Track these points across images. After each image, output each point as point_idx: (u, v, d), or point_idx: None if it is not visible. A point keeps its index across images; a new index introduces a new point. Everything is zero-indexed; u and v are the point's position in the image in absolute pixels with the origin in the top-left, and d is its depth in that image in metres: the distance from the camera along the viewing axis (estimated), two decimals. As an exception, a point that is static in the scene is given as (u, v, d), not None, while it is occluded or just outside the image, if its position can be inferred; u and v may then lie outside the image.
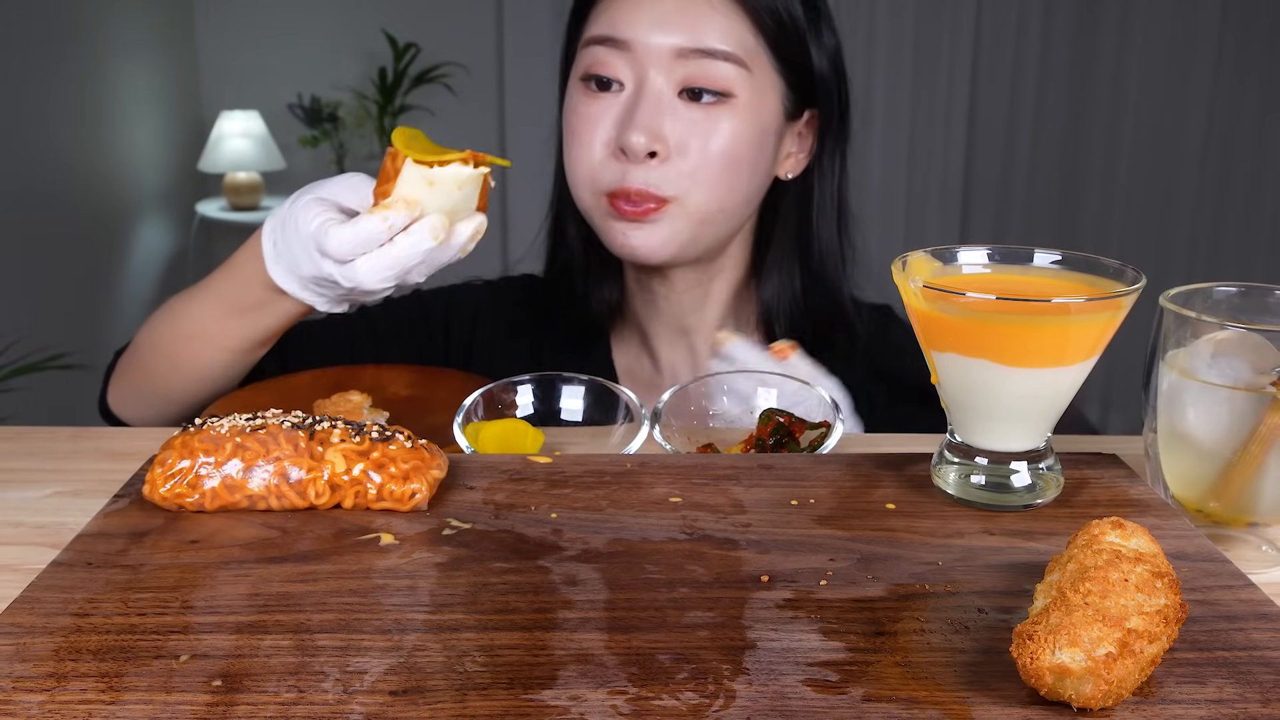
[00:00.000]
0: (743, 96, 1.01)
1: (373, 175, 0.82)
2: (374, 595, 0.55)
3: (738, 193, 1.03)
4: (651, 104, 1.00)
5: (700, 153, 1.00)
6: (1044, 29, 3.87)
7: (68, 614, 0.53)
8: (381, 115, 3.79)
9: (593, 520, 0.64)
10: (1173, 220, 4.02)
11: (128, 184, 3.48)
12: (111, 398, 1.06)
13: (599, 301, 1.14)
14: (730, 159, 1.01)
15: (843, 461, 0.72)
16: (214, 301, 0.94)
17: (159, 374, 1.00)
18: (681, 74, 1.00)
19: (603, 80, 1.02)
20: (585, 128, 1.03)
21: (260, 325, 0.93)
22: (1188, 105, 3.91)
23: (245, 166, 3.70)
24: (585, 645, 0.51)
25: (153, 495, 0.64)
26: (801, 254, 1.11)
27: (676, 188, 1.00)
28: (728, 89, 1.00)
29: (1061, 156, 3.99)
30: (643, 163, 1.00)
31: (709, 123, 1.00)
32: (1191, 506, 0.69)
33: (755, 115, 1.02)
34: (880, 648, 0.51)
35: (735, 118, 1.01)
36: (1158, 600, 0.48)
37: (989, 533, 0.63)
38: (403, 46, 3.76)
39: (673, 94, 1.00)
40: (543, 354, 1.14)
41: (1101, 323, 0.62)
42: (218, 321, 0.94)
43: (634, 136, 0.98)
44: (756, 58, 1.02)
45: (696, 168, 1.00)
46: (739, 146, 1.01)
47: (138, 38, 3.54)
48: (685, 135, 1.00)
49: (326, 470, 0.64)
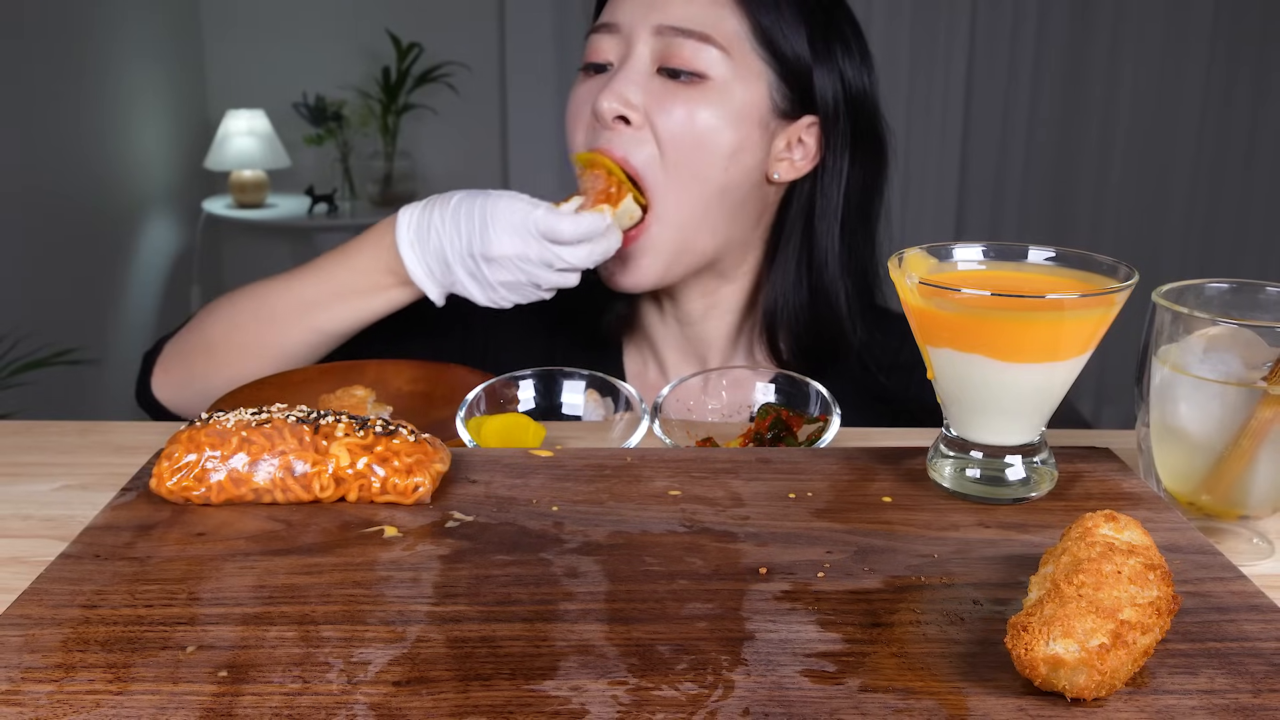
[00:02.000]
0: (719, 79, 0.99)
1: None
2: (378, 587, 0.55)
3: (712, 180, 1.01)
4: (625, 74, 1.00)
5: (669, 127, 0.99)
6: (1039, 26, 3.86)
7: (76, 605, 0.53)
8: (385, 114, 3.78)
9: (593, 513, 0.64)
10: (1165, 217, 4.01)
11: (134, 181, 3.47)
12: (160, 385, 1.08)
13: (611, 310, 1.14)
14: (700, 139, 0.99)
15: (840, 455, 0.72)
16: (323, 284, 1.02)
17: (232, 355, 1.03)
18: (660, 50, 1.00)
19: (597, 65, 1.04)
20: (574, 108, 1.05)
21: (366, 310, 1.02)
22: (1180, 103, 3.90)
23: (251, 164, 3.69)
24: (586, 636, 0.51)
25: (160, 488, 0.64)
26: (806, 264, 1.08)
27: (645, 158, 0.99)
28: (704, 70, 0.99)
29: (1056, 154, 3.99)
30: (612, 128, 1.00)
31: (682, 100, 0.99)
32: (1183, 500, 0.69)
33: (732, 101, 1.00)
34: (877, 639, 0.51)
35: (709, 100, 0.99)
36: (1150, 592, 0.48)
37: (984, 525, 0.63)
38: (406, 46, 3.76)
39: (651, 68, 1.01)
40: (555, 358, 1.13)
41: (1095, 319, 0.62)
42: (323, 303, 1.01)
43: (603, 101, 0.99)
44: (738, 43, 1.00)
45: (665, 143, 0.99)
46: (712, 128, 0.99)
47: (144, 37, 3.53)
48: (655, 107, 0.99)
49: (331, 464, 0.64)
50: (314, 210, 3.72)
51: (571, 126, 1.06)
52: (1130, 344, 0.72)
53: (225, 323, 1.05)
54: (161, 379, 1.07)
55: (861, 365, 1.09)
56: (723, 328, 1.12)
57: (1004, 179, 4.03)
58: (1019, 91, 3.92)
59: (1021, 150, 3.99)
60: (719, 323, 1.12)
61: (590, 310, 1.14)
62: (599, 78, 1.04)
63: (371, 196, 3.83)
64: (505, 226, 0.94)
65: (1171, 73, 3.87)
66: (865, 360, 1.10)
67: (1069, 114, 3.95)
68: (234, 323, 1.04)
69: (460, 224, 0.96)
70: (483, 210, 0.95)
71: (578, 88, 1.06)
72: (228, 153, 3.67)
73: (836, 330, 1.08)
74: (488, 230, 0.95)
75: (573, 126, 1.05)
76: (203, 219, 3.81)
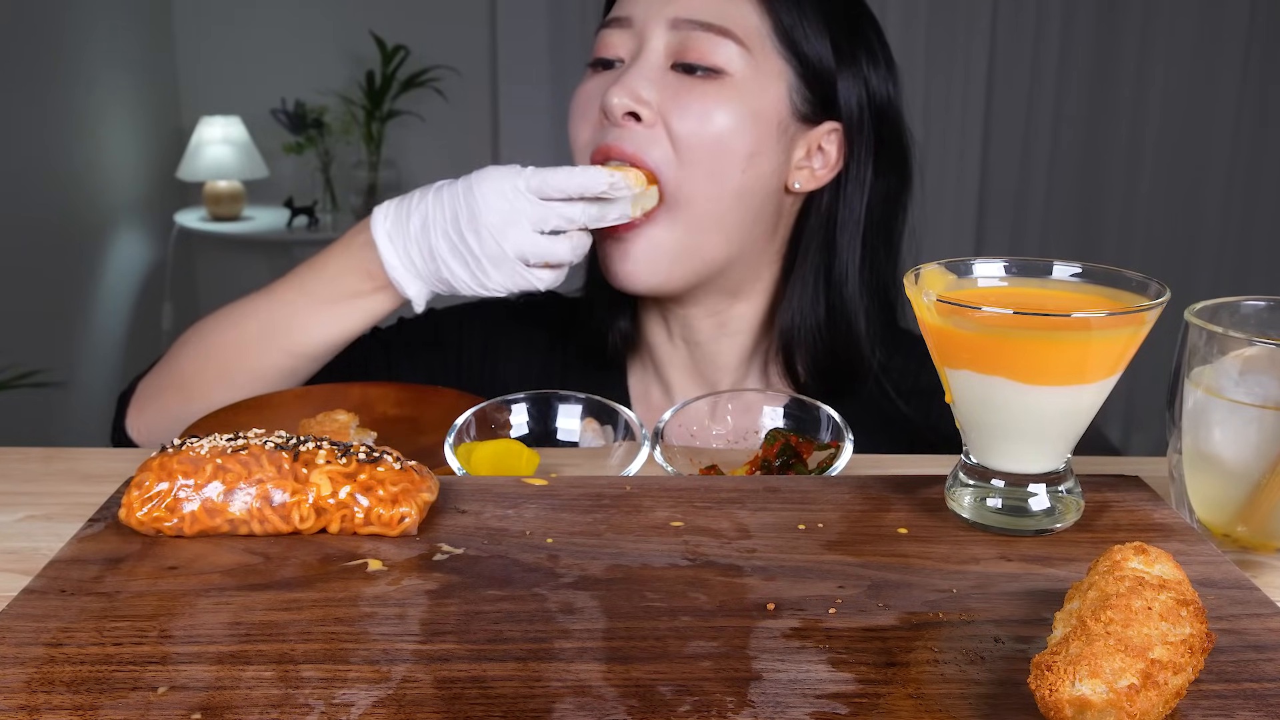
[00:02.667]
0: (737, 76, 0.99)
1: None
2: (361, 624, 0.55)
3: (728, 182, 1.00)
4: (637, 68, 1.00)
5: (684, 125, 0.99)
6: (1063, 28, 3.87)
7: (40, 644, 0.53)
8: (369, 121, 3.79)
9: (590, 545, 0.64)
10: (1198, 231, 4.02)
11: (102, 193, 3.48)
12: (134, 425, 1.07)
13: (614, 327, 1.14)
14: (717, 139, 0.99)
15: (852, 484, 0.73)
16: (294, 299, 1.01)
17: (206, 387, 1.02)
18: (675, 45, 1.00)
19: (606, 61, 1.04)
20: (579, 105, 1.05)
21: (342, 324, 1.01)
22: (1213, 110, 3.91)
23: (226, 175, 3.70)
24: (582, 677, 0.51)
25: (129, 519, 0.64)
26: (825, 279, 1.07)
27: (659, 158, 0.99)
28: (722, 66, 0.99)
29: (1081, 163, 3.99)
30: (622, 124, 1.00)
31: (698, 96, 0.99)
32: (1218, 531, 0.69)
33: (751, 99, 1.00)
34: (892, 679, 0.51)
35: (727, 97, 0.99)
36: (1183, 629, 0.48)
37: (1006, 559, 0.63)
38: (391, 49, 3.77)
39: (665, 63, 1.00)
40: (554, 380, 1.13)
41: (1124, 338, 0.62)
42: (296, 320, 1.00)
43: (613, 96, 0.99)
44: (759, 40, 1.00)
45: (680, 141, 0.99)
46: (730, 127, 0.99)
47: (112, 39, 3.55)
48: (669, 103, 0.99)
49: (311, 493, 0.64)
50: (293, 223, 3.74)
51: (576, 123, 1.05)
52: (1161, 365, 0.72)
53: (196, 353, 1.04)
54: (135, 419, 1.06)
55: (880, 390, 1.09)
56: (735, 349, 1.12)
57: (1027, 190, 4.03)
58: (1042, 96, 3.93)
59: (1045, 159, 4.00)
60: (730, 344, 1.12)
61: (591, 327, 1.14)
62: (608, 73, 1.04)
63: (354, 208, 3.84)
64: (492, 190, 0.94)
65: (1204, 75, 3.87)
66: (884, 384, 1.10)
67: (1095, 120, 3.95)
68: (205, 352, 1.03)
69: (444, 198, 0.96)
70: (467, 181, 0.96)
71: (585, 84, 1.06)
72: (201, 162, 3.68)
73: (854, 352, 1.07)
74: (473, 194, 0.94)
75: (577, 123, 1.05)
76: (175, 233, 3.81)
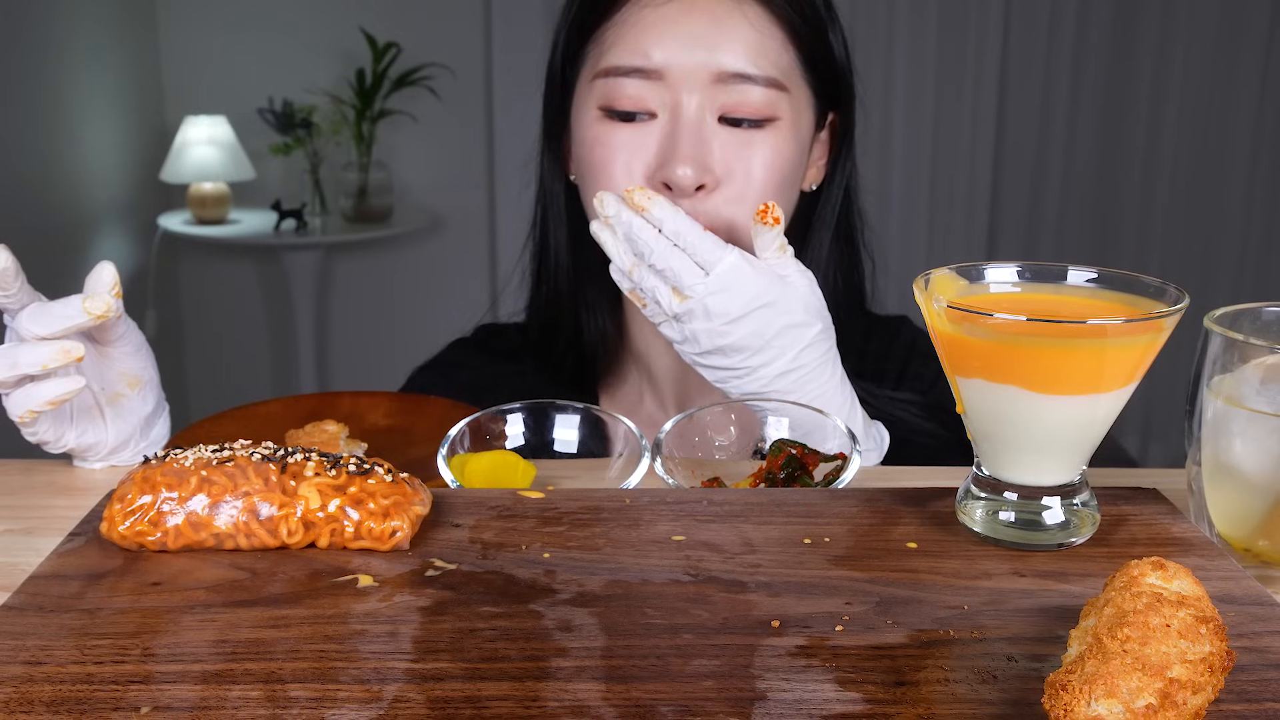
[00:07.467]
0: (784, 118, 1.02)
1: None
2: (351, 642, 0.55)
3: (788, 214, 1.05)
4: (692, 133, 0.99)
5: (746, 177, 1.00)
6: (1079, 28, 3.88)
7: (18, 662, 0.53)
8: (359, 120, 3.80)
9: (588, 560, 0.64)
10: (1218, 235, 4.02)
11: (83, 195, 3.48)
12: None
13: (593, 335, 1.14)
14: (777, 183, 1.02)
15: (860, 497, 0.73)
16: None
17: None
18: (721, 100, 1.00)
19: (627, 113, 1.02)
20: (614, 159, 1.01)
21: None
22: (1234, 111, 3.92)
23: (211, 176, 3.70)
24: (581, 696, 0.51)
25: (111, 533, 0.64)
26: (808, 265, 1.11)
27: (731, 215, 1.01)
28: (771, 114, 1.01)
29: (1097, 165, 4.00)
30: (690, 196, 0.99)
31: (752, 147, 1.01)
32: (1239, 545, 0.69)
33: (796, 135, 1.03)
34: (901, 699, 0.51)
35: (778, 140, 1.02)
36: (1202, 647, 0.48)
37: (1019, 574, 0.63)
38: (382, 46, 3.78)
39: (713, 120, 1.00)
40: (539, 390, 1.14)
41: (1141, 346, 0.63)
42: None
43: (681, 169, 0.98)
44: (793, 75, 1.03)
45: (743, 193, 1.00)
46: (784, 168, 1.02)
47: (93, 35, 3.55)
48: (730, 161, 1.00)
49: (300, 506, 0.64)
50: (281, 227, 3.73)
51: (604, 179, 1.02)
52: (1180, 374, 0.72)
53: None
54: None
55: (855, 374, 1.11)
56: None
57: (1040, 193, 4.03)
58: (1057, 97, 3.94)
59: (1060, 161, 4.00)
60: None
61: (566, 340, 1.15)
62: (641, 128, 1.01)
63: (344, 211, 3.84)
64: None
65: (1224, 75, 3.88)
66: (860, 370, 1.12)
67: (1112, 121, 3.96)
68: None
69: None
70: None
71: (613, 133, 1.02)
72: (186, 163, 3.68)
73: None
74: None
75: (607, 180, 1.02)
76: (158, 236, 3.82)
